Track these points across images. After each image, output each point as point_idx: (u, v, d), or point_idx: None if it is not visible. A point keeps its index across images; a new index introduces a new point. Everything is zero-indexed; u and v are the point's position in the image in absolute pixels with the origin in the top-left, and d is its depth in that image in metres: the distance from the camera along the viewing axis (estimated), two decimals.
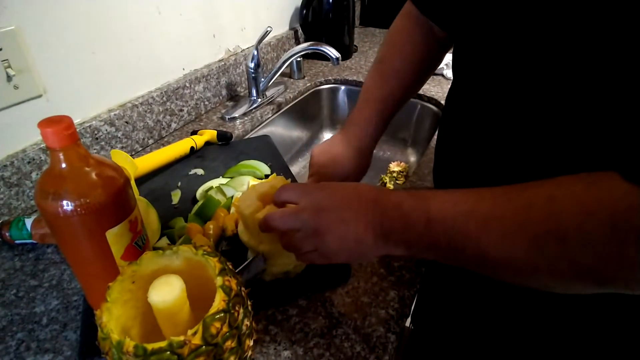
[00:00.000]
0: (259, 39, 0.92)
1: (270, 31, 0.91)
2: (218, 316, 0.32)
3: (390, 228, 0.38)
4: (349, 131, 0.64)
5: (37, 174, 0.65)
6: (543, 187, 0.32)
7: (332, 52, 0.90)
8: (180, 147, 0.75)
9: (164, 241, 0.57)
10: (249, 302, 0.38)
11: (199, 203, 0.63)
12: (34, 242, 0.58)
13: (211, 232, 0.57)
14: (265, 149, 0.81)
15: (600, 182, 0.30)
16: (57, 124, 0.35)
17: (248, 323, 0.36)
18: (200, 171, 0.74)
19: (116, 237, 0.41)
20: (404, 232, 0.37)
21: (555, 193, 0.31)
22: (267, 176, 0.72)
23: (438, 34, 0.58)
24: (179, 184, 0.71)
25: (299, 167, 1.14)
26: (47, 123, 0.35)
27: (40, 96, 0.64)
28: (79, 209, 0.37)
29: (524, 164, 0.41)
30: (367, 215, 0.39)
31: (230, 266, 0.38)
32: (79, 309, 0.50)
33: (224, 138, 0.82)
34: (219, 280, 0.34)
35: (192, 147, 0.77)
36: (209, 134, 0.81)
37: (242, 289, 0.37)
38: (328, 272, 0.53)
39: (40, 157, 0.65)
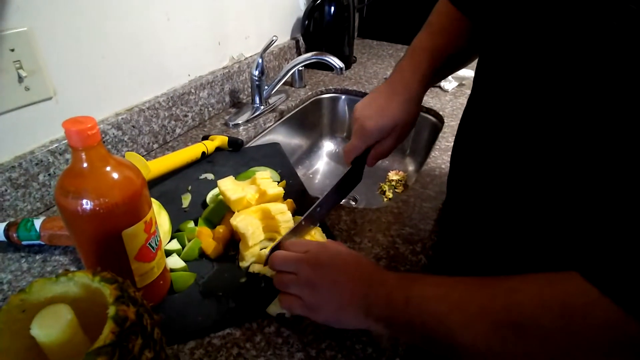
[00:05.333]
0: (265, 47, 0.94)
1: (276, 40, 0.93)
2: (104, 350, 0.28)
3: (372, 302, 0.40)
4: (395, 80, 0.61)
5: (45, 176, 0.65)
6: (509, 280, 0.35)
7: (336, 62, 0.92)
8: (192, 152, 0.76)
9: (175, 243, 0.57)
10: (156, 330, 0.35)
11: (210, 207, 0.63)
12: (42, 243, 0.57)
13: (221, 236, 0.58)
14: (275, 156, 0.82)
15: (562, 279, 0.32)
16: (81, 124, 0.36)
17: (151, 355, 0.32)
18: (210, 176, 0.75)
19: (131, 237, 0.42)
20: (385, 309, 0.39)
21: (518, 286, 0.34)
22: (277, 183, 0.72)
23: None
24: (190, 187, 0.71)
25: (300, 175, 1.14)
26: (71, 123, 0.36)
27: (50, 98, 0.65)
28: (97, 208, 0.38)
29: (539, 176, 0.41)
30: (356, 285, 0.42)
31: (134, 293, 0.34)
32: None
33: (234, 144, 0.83)
34: (111, 310, 0.30)
35: (203, 152, 0.78)
36: (220, 140, 0.82)
37: (147, 316, 0.33)
38: None
39: (49, 159, 0.65)
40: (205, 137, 0.85)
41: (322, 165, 1.21)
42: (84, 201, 0.37)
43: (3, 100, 0.58)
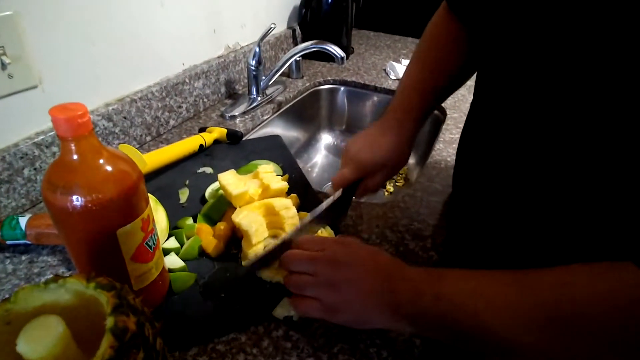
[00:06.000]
0: (262, 35, 0.90)
1: (274, 28, 0.89)
2: None
3: (400, 300, 0.38)
4: (388, 118, 0.60)
5: (30, 171, 0.61)
6: (552, 273, 0.33)
7: (337, 52, 0.88)
8: (189, 144, 0.72)
9: (172, 242, 0.54)
10: (158, 340, 0.32)
11: (209, 203, 0.60)
12: (28, 242, 0.53)
13: (222, 233, 0.55)
14: (276, 149, 0.79)
15: (614, 269, 0.30)
16: (70, 111, 0.33)
17: None
18: (209, 170, 0.71)
19: (127, 236, 0.38)
20: (412, 306, 0.37)
21: (565, 278, 0.32)
22: (279, 176, 0.69)
23: None
24: (187, 182, 0.67)
25: None
26: (59, 110, 0.32)
27: (35, 87, 0.60)
28: (89, 205, 0.34)
29: (547, 169, 0.40)
30: (380, 282, 0.39)
31: (133, 300, 0.31)
32: None
33: (234, 137, 0.79)
34: (109, 321, 0.27)
35: (201, 145, 0.74)
36: (219, 132, 0.78)
37: (149, 325, 0.31)
38: None
39: (34, 152, 0.60)
40: (202, 129, 0.81)
41: (321, 158, 1.18)
42: (75, 197, 0.34)
43: None
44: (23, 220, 0.54)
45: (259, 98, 0.98)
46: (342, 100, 1.19)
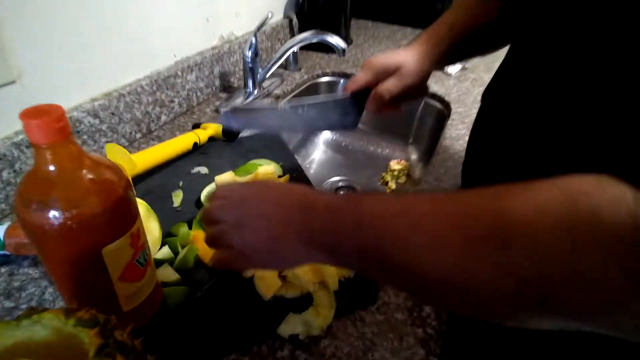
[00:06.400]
0: (259, 25, 0.85)
1: (271, 17, 0.84)
2: None
3: (315, 227, 0.33)
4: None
5: (10, 173, 0.56)
6: (494, 188, 0.27)
7: (338, 43, 0.83)
8: (182, 142, 0.68)
9: (166, 251, 0.50)
10: None
11: (205, 207, 0.55)
12: (7, 253, 0.49)
13: None
14: (276, 147, 0.74)
15: (569, 180, 0.24)
16: (44, 114, 0.28)
17: None
18: (204, 169, 0.66)
19: (114, 255, 0.34)
20: (330, 233, 0.32)
21: (506, 192, 0.26)
22: (279, 177, 0.65)
23: None
24: (181, 183, 0.63)
25: None
26: (31, 113, 0.28)
27: (13, 82, 0.55)
28: (69, 222, 0.30)
29: (559, 167, 0.37)
30: (290, 212, 0.34)
31: (121, 335, 0.27)
32: None
33: (229, 134, 0.74)
34: None
35: (195, 143, 0.69)
36: (214, 129, 0.73)
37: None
38: (355, 290, 0.47)
39: (13, 153, 0.55)
40: (197, 126, 0.76)
41: (319, 154, 1.13)
42: (52, 213, 0.29)
43: None
44: (1, 229, 0.49)
45: (256, 92, 0.93)
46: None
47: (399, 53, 0.56)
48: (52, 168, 0.29)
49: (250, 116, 0.57)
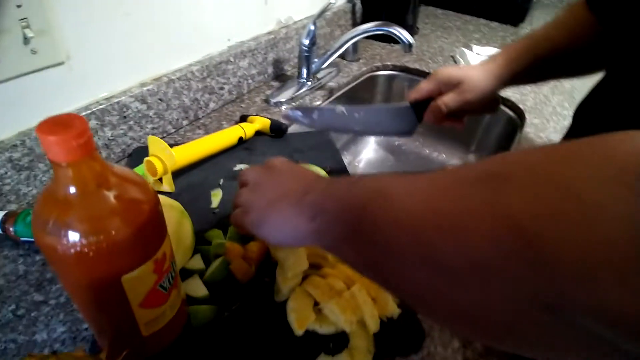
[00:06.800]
0: (319, 12, 0.78)
1: (334, 4, 0.77)
2: None
3: (309, 191, 0.33)
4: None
5: None
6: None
7: (405, 36, 0.75)
8: (227, 137, 0.64)
9: (197, 261, 0.46)
10: None
11: None
12: None
13: (254, 256, 0.46)
14: (324, 148, 0.69)
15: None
16: (64, 128, 0.24)
17: None
18: (246, 167, 0.63)
19: (134, 283, 0.30)
20: (320, 194, 0.32)
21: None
22: None
23: None
24: (221, 181, 0.59)
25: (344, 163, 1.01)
26: (49, 127, 0.24)
27: (62, 63, 0.53)
28: (86, 249, 0.26)
29: None
30: (298, 183, 0.36)
31: None
32: (89, 342, 0.40)
33: (277, 130, 0.70)
34: None
35: (240, 138, 0.65)
36: (261, 123, 0.69)
37: None
38: (398, 333, 0.42)
39: None
40: (244, 118, 0.72)
41: (370, 153, 1.06)
42: (68, 238, 0.26)
43: (4, 66, 0.47)
44: None
45: (309, 83, 0.87)
46: (400, 89, 1.05)
47: (467, 68, 0.57)
48: (72, 189, 0.26)
49: (312, 115, 0.61)
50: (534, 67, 0.55)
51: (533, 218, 0.17)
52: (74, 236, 0.26)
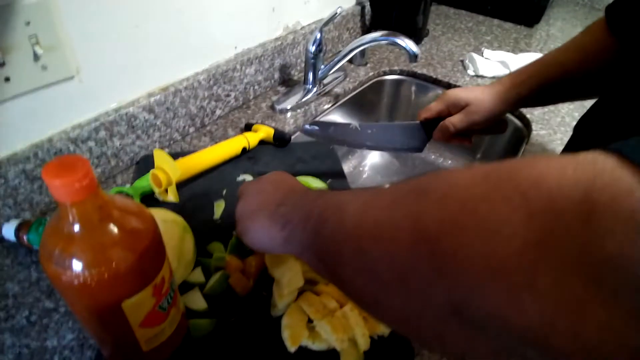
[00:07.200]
0: (327, 20, 0.78)
1: (340, 12, 0.77)
2: None
3: (282, 203, 0.36)
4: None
5: None
6: None
7: (411, 47, 0.75)
8: (230, 148, 0.65)
9: (198, 274, 0.48)
10: None
11: None
12: None
13: (253, 270, 0.48)
14: (326, 160, 0.70)
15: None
16: (68, 171, 0.26)
17: None
18: (250, 178, 0.64)
19: (134, 307, 0.32)
20: (290, 206, 0.35)
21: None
22: None
23: None
24: (225, 192, 0.61)
25: (347, 167, 1.02)
26: (54, 170, 0.26)
27: (72, 77, 0.55)
28: (88, 280, 0.28)
29: None
30: (277, 194, 0.39)
31: None
32: (95, 349, 0.43)
33: (281, 139, 0.71)
34: None
35: (244, 148, 0.67)
36: (265, 132, 0.70)
37: None
38: (388, 352, 0.43)
39: (69, 148, 0.57)
40: (248, 127, 0.74)
41: (375, 158, 1.07)
42: (71, 270, 0.28)
43: (16, 82, 0.49)
44: None
45: (315, 89, 0.87)
46: (407, 94, 1.05)
47: (475, 90, 0.59)
48: (75, 226, 0.28)
49: (328, 130, 0.65)
50: (542, 90, 0.55)
51: (439, 228, 0.19)
52: (77, 267, 0.28)
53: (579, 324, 0.15)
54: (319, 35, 0.81)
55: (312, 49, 0.83)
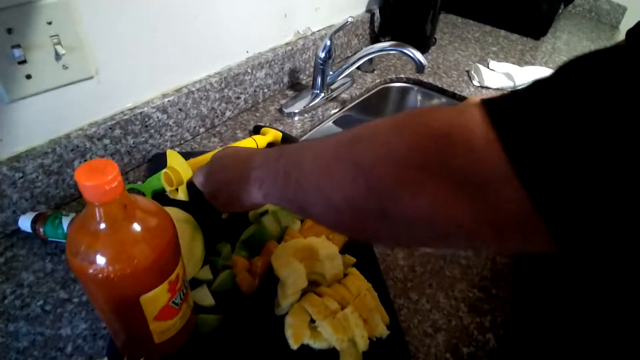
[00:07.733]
0: (337, 28, 0.80)
1: (350, 22, 0.79)
2: None
3: (252, 167, 0.42)
4: None
5: (80, 162, 0.59)
6: None
7: (418, 58, 0.77)
8: None
9: (206, 271, 0.51)
10: None
11: (250, 229, 0.56)
12: None
13: (258, 270, 0.50)
14: None
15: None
16: (99, 175, 0.28)
17: None
18: None
19: (151, 301, 0.34)
20: (258, 167, 0.41)
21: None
22: None
23: None
24: None
25: None
26: (86, 173, 0.28)
27: (91, 77, 0.57)
28: (111, 275, 0.30)
29: None
30: (240, 162, 0.45)
31: None
32: (107, 339, 0.45)
33: (289, 141, 0.73)
34: None
35: None
36: (273, 135, 0.73)
37: None
38: (385, 353, 0.45)
39: (85, 145, 0.59)
40: (257, 129, 0.76)
41: None
42: (95, 265, 0.30)
43: (38, 80, 0.51)
44: (66, 220, 0.53)
45: (323, 94, 0.90)
46: (413, 102, 1.07)
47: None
48: (99, 223, 0.30)
49: None
50: None
51: (371, 163, 0.27)
52: (101, 262, 0.30)
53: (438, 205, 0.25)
54: (328, 43, 0.83)
55: (322, 55, 0.85)
